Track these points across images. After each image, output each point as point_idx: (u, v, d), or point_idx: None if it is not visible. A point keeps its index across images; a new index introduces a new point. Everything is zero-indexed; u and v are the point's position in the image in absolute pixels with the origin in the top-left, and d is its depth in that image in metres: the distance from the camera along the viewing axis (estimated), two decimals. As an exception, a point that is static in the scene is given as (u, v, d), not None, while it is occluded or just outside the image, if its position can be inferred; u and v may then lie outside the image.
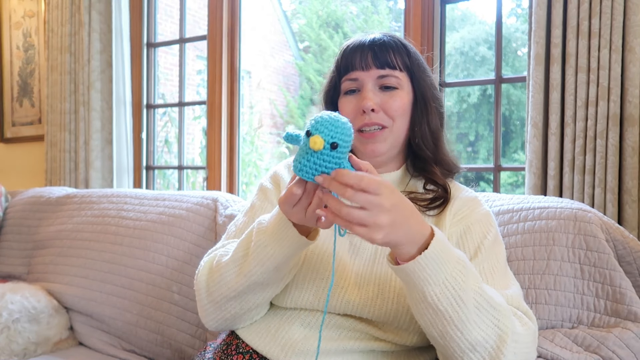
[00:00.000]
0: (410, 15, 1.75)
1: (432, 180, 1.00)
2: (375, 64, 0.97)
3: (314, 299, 0.92)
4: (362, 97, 0.96)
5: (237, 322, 0.95)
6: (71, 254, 1.71)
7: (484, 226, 0.95)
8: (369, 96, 0.96)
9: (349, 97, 0.99)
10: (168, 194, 1.69)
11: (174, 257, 1.52)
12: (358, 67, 0.97)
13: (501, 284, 0.89)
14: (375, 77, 0.97)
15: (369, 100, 0.95)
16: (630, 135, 1.28)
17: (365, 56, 0.97)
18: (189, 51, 6.12)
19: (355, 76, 0.98)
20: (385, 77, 0.97)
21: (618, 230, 1.04)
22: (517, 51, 7.17)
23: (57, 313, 1.62)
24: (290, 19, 9.07)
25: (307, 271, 0.93)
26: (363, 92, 0.97)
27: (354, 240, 0.96)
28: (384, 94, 0.97)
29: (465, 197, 0.99)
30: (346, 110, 0.98)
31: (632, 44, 1.27)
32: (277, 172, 1.08)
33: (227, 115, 2.19)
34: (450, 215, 0.96)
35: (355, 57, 0.98)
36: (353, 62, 0.98)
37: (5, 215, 2.02)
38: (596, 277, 1.02)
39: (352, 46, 1.00)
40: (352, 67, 0.98)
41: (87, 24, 2.30)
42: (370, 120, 0.96)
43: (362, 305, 0.89)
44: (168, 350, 1.47)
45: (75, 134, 2.36)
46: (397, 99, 0.97)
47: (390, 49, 0.98)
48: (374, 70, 0.97)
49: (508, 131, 6.93)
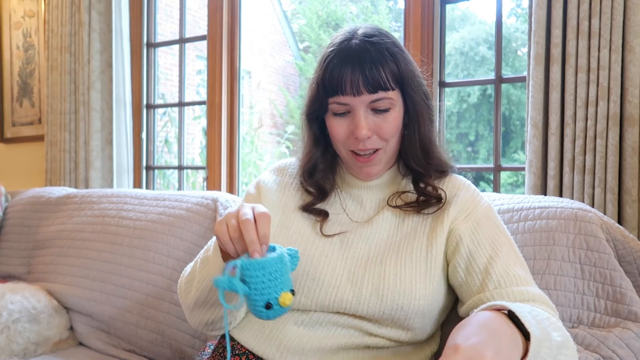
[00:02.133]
0: (410, 15, 1.75)
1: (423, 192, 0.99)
2: (367, 89, 0.89)
3: (307, 300, 0.92)
4: (355, 125, 0.92)
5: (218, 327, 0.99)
6: (71, 254, 1.71)
7: (492, 220, 0.95)
8: (362, 124, 0.91)
9: (339, 119, 0.94)
10: (168, 194, 1.69)
11: (174, 257, 1.52)
12: (349, 92, 0.90)
13: (527, 279, 0.89)
14: (367, 102, 0.91)
15: (362, 128, 0.91)
16: (630, 135, 1.28)
17: (356, 80, 0.89)
18: (189, 51, 6.12)
19: (346, 101, 0.91)
20: (378, 101, 0.91)
21: (618, 230, 1.04)
22: (517, 51, 7.17)
23: (57, 313, 1.62)
24: (290, 19, 9.07)
25: (298, 274, 0.93)
26: (355, 118, 0.92)
27: (345, 239, 0.96)
28: (377, 118, 0.92)
29: (465, 194, 0.98)
30: (337, 133, 0.95)
31: (632, 44, 1.27)
32: (260, 181, 1.07)
33: (227, 115, 2.19)
34: (452, 214, 0.95)
35: (343, 78, 0.90)
36: (342, 86, 0.90)
37: (5, 215, 2.02)
38: (596, 277, 1.02)
39: (338, 61, 0.91)
40: (342, 91, 0.90)
41: (87, 24, 2.30)
42: (365, 146, 0.93)
43: (357, 303, 0.89)
44: (168, 350, 1.47)
45: (75, 134, 2.36)
46: (391, 120, 0.93)
47: (381, 66, 0.89)
48: (365, 95, 0.90)
49: (508, 131, 6.93)
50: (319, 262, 0.93)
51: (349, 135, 0.94)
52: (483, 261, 0.90)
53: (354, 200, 1.02)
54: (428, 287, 0.91)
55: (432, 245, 0.93)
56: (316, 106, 0.96)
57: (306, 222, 1.00)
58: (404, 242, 0.95)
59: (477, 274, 0.90)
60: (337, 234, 0.97)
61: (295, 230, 0.99)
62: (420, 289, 0.90)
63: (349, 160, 0.98)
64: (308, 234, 0.98)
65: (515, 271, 0.89)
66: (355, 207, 1.02)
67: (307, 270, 0.93)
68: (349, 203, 1.02)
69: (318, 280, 0.92)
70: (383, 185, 1.02)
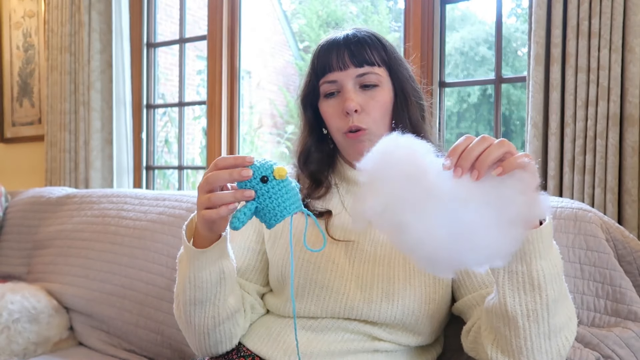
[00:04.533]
0: (410, 15, 1.75)
1: None
2: (353, 62, 0.93)
3: (316, 308, 0.91)
4: (343, 99, 0.93)
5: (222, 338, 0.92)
6: (71, 254, 1.71)
7: None
8: (351, 97, 0.93)
9: (329, 101, 0.96)
10: (168, 194, 1.69)
11: (174, 257, 1.52)
12: (335, 67, 0.94)
13: None
14: (354, 76, 0.94)
15: (350, 101, 0.92)
16: (630, 135, 1.28)
17: (342, 55, 0.93)
18: (189, 51, 6.11)
19: (334, 78, 0.94)
20: (365, 75, 0.93)
21: (618, 230, 1.04)
22: (517, 51, 7.17)
23: (57, 313, 1.62)
24: (290, 19, 9.06)
25: (306, 282, 0.92)
26: (344, 93, 0.94)
27: (349, 244, 0.95)
28: (365, 94, 0.94)
29: None
30: (329, 114, 0.96)
31: (632, 44, 1.27)
32: None
33: (227, 115, 2.19)
34: None
35: (331, 57, 0.95)
36: (330, 63, 0.94)
37: (5, 215, 2.02)
38: (596, 276, 1.02)
39: (327, 45, 0.96)
40: (329, 68, 0.95)
41: (87, 24, 2.30)
42: (354, 123, 0.93)
43: (368, 308, 0.88)
44: (168, 350, 1.47)
45: (75, 134, 2.36)
46: (379, 98, 0.94)
47: (367, 45, 0.94)
48: (352, 69, 0.93)
49: (508, 131, 6.93)
50: (326, 269, 0.91)
51: (340, 114, 0.95)
52: None
53: (353, 197, 1.00)
54: (438, 290, 0.90)
55: None
56: (308, 90, 1.00)
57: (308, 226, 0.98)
58: None
59: (475, 272, 0.90)
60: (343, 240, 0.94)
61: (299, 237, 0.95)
62: (429, 292, 0.89)
63: (344, 143, 0.97)
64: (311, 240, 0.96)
65: None
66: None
67: (314, 278, 0.91)
68: (348, 200, 1.00)
69: (327, 287, 0.91)
70: None
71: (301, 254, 0.93)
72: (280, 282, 0.96)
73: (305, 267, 0.92)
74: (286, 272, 0.94)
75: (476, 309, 0.89)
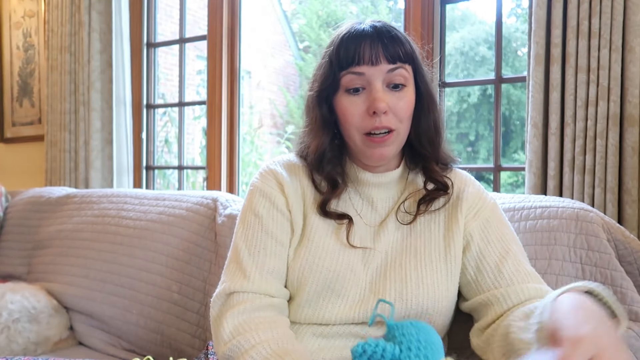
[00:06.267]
0: (410, 15, 1.75)
1: (432, 177, 0.97)
2: (387, 58, 0.86)
3: (330, 314, 0.90)
4: (372, 98, 0.86)
5: None
6: (71, 254, 1.71)
7: (499, 217, 0.96)
8: (381, 96, 0.86)
9: (352, 97, 0.89)
10: (168, 194, 1.69)
11: (174, 257, 1.52)
12: (367, 60, 0.86)
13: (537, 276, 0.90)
14: (384, 72, 0.87)
15: (381, 101, 0.86)
16: (630, 135, 1.28)
17: (376, 48, 0.86)
18: (189, 51, 6.11)
19: (362, 70, 0.87)
20: (395, 72, 0.87)
21: (619, 230, 1.04)
22: (517, 51, 7.17)
23: (57, 313, 1.62)
24: (290, 19, 9.06)
25: (323, 289, 0.90)
26: (373, 91, 0.87)
27: (365, 251, 0.93)
28: (393, 94, 0.88)
29: (473, 190, 0.98)
30: (350, 112, 0.89)
31: (632, 44, 1.27)
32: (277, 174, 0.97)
33: (227, 115, 2.19)
34: (464, 211, 0.95)
35: (361, 48, 0.86)
36: (360, 55, 0.86)
37: (5, 215, 2.02)
38: (597, 277, 1.02)
39: (355, 35, 0.88)
40: (360, 60, 0.86)
41: (87, 24, 2.30)
42: (381, 123, 0.87)
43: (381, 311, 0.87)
44: (168, 350, 1.47)
45: (75, 134, 2.36)
46: (406, 99, 0.89)
47: (398, 40, 0.88)
48: (384, 64, 0.86)
49: (508, 131, 6.93)
50: (344, 277, 0.90)
51: (363, 113, 0.88)
52: (494, 259, 0.91)
53: (364, 200, 0.97)
54: (450, 288, 0.91)
55: (449, 246, 0.93)
56: (328, 82, 0.91)
57: (328, 230, 0.94)
58: (420, 242, 0.94)
59: (489, 272, 0.90)
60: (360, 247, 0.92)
61: (319, 243, 0.92)
62: (442, 291, 0.90)
63: (361, 145, 0.90)
64: (332, 246, 0.92)
65: (526, 268, 0.90)
66: (367, 209, 0.97)
67: (332, 287, 0.90)
68: (358, 203, 0.97)
69: (343, 296, 0.89)
70: (392, 183, 0.98)
71: (321, 261, 0.91)
72: (295, 286, 0.93)
73: (324, 274, 0.90)
74: (305, 278, 0.91)
75: (491, 308, 0.88)
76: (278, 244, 0.93)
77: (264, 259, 0.91)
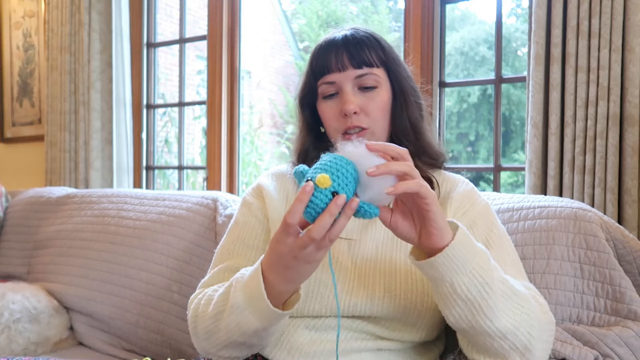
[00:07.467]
0: (410, 15, 1.75)
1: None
2: (352, 64, 0.94)
3: (320, 306, 0.91)
4: (342, 101, 0.94)
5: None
6: (71, 254, 1.71)
7: (487, 219, 0.95)
8: (350, 99, 0.93)
9: (328, 102, 0.97)
10: (168, 194, 1.69)
11: (174, 257, 1.52)
12: (334, 69, 0.94)
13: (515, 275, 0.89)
14: (352, 78, 0.94)
15: (350, 103, 0.93)
16: (630, 135, 1.28)
17: (341, 56, 0.94)
18: (189, 51, 6.11)
19: (332, 79, 0.95)
20: (364, 77, 0.94)
21: (618, 229, 1.05)
22: (517, 51, 7.18)
23: (57, 313, 1.62)
24: (290, 19, 9.07)
25: (310, 281, 0.91)
26: (343, 95, 0.94)
27: (351, 243, 0.95)
28: (364, 95, 0.95)
29: (463, 190, 0.98)
30: (328, 115, 0.97)
31: (632, 44, 1.27)
32: (260, 184, 1.05)
33: (227, 115, 2.19)
34: (452, 211, 0.95)
35: (329, 58, 0.95)
36: (328, 64, 0.95)
37: (5, 215, 2.02)
38: (596, 276, 1.02)
39: (325, 46, 0.97)
40: (328, 70, 0.95)
41: (87, 24, 2.30)
42: (352, 123, 0.93)
43: (370, 305, 0.89)
44: (168, 350, 1.47)
45: (75, 134, 2.36)
46: (378, 99, 0.95)
47: (365, 46, 0.95)
48: (350, 70, 0.94)
49: (508, 131, 6.93)
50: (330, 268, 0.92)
51: (338, 115, 0.95)
52: None
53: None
54: None
55: None
56: (306, 91, 1.00)
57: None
58: None
59: None
60: (345, 239, 0.95)
61: None
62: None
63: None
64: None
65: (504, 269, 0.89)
66: None
67: (318, 277, 0.91)
68: None
69: (331, 286, 0.91)
70: None
71: None
72: None
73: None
74: None
75: None
76: (246, 247, 0.98)
77: (229, 260, 0.97)
